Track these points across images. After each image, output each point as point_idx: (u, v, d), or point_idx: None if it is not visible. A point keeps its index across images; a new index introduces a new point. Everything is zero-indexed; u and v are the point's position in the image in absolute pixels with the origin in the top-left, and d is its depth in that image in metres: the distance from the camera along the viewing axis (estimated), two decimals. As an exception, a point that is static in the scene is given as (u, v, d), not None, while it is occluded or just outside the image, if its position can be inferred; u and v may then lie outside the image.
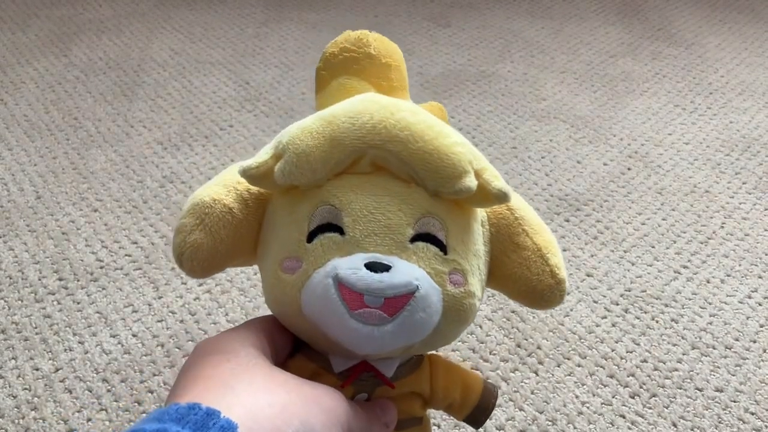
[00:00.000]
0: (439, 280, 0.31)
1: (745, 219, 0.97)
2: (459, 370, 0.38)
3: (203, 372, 0.29)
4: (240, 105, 1.23)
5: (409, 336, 0.30)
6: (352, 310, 0.29)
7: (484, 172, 0.32)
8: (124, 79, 1.30)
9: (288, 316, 0.33)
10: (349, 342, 0.30)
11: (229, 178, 0.34)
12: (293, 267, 0.31)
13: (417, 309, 0.30)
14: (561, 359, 0.74)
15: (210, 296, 0.81)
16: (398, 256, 0.31)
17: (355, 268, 0.29)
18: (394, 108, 0.32)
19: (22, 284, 0.83)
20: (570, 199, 1.00)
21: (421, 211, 0.32)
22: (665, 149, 1.13)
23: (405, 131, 0.31)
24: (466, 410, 0.38)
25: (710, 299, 0.83)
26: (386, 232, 0.31)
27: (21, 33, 1.48)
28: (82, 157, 1.08)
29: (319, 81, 0.38)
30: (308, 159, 0.31)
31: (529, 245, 0.35)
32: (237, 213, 0.33)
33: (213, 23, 1.54)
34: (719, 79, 1.36)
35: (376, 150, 0.31)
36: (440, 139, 0.32)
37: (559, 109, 1.24)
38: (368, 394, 0.34)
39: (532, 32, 1.54)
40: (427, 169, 0.31)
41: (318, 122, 0.32)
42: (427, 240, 0.31)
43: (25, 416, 0.67)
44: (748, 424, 0.68)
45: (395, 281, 0.29)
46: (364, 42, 0.37)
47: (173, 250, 0.33)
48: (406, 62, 0.39)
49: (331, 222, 0.31)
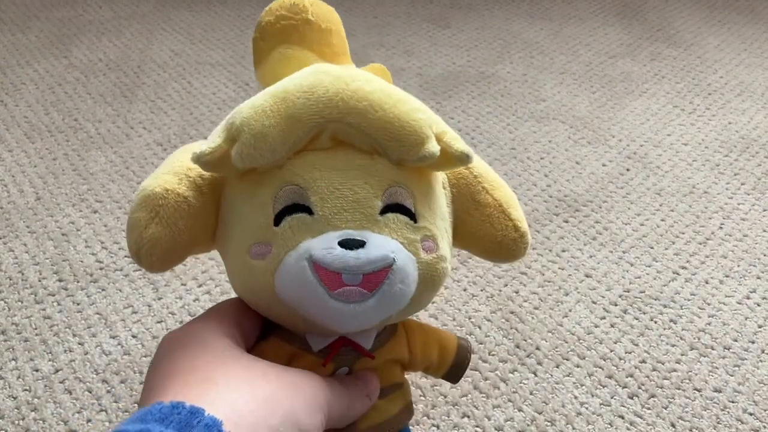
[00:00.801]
0: (412, 249, 0.31)
1: (743, 220, 0.97)
2: (433, 331, 0.38)
3: (180, 366, 0.28)
4: (240, 106, 1.23)
5: (390, 308, 0.30)
6: (331, 291, 0.29)
7: (444, 136, 0.32)
8: (124, 80, 1.31)
9: (261, 301, 0.32)
10: (330, 322, 0.30)
11: (178, 165, 0.33)
12: (262, 252, 0.30)
13: (395, 281, 0.30)
14: (560, 360, 0.75)
15: (209, 297, 0.81)
16: (370, 230, 0.30)
17: (330, 247, 0.29)
18: (349, 78, 0.31)
19: (22, 285, 0.83)
20: (569, 199, 1.00)
21: (388, 182, 0.31)
22: (664, 150, 1.13)
23: (363, 102, 0.30)
24: (444, 369, 0.39)
25: (709, 300, 0.83)
26: (355, 207, 0.30)
27: (21, 34, 1.48)
28: (82, 158, 1.08)
29: (257, 52, 0.36)
30: (266, 140, 0.29)
31: (490, 202, 0.35)
32: (192, 201, 0.32)
33: (213, 25, 1.55)
34: (718, 79, 1.36)
35: (335, 124, 0.31)
36: (399, 107, 0.31)
37: (558, 110, 1.24)
38: (349, 367, 0.34)
39: (532, 33, 1.54)
40: (390, 139, 0.31)
41: (271, 100, 0.30)
42: (396, 210, 0.31)
43: (25, 417, 0.68)
44: (746, 425, 0.69)
45: (371, 256, 0.29)
46: (300, 7, 0.36)
47: (129, 247, 0.32)
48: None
49: (297, 202, 0.31)
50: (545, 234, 0.93)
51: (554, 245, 0.91)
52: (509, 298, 0.82)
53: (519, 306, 0.81)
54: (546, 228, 0.94)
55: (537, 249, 0.91)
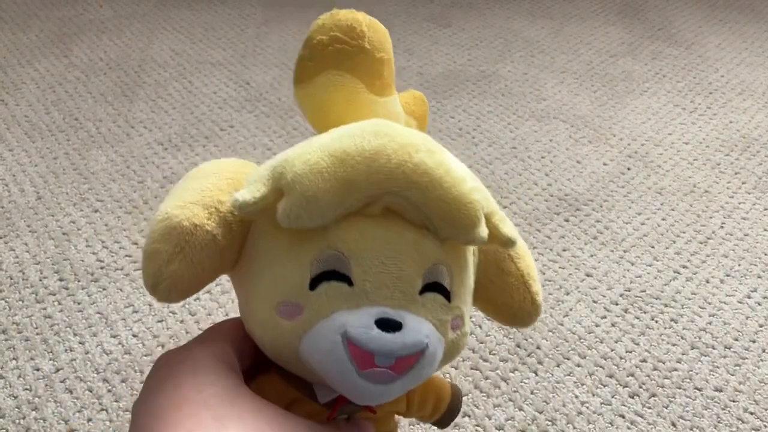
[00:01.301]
0: (442, 329, 0.30)
1: (744, 219, 0.97)
2: (430, 383, 0.38)
3: (186, 395, 0.27)
4: (240, 105, 1.23)
5: (413, 386, 0.30)
6: (360, 370, 0.28)
7: (493, 217, 0.31)
8: (125, 79, 1.30)
9: (281, 356, 0.31)
10: (352, 396, 0.29)
11: (208, 197, 0.31)
12: (292, 313, 0.29)
13: (425, 365, 0.29)
14: (560, 359, 0.75)
15: (210, 297, 0.81)
16: (407, 310, 0.29)
17: (367, 326, 0.28)
18: (412, 148, 0.29)
19: (23, 285, 0.83)
20: (570, 198, 1.00)
21: (432, 261, 0.30)
22: (665, 149, 1.13)
23: (424, 177, 0.29)
24: (436, 416, 0.39)
25: (710, 299, 0.83)
26: (397, 284, 0.29)
27: (21, 33, 1.48)
28: (82, 157, 1.08)
29: (302, 71, 0.34)
30: (318, 203, 0.28)
31: (514, 271, 0.35)
32: (220, 240, 0.30)
33: (213, 24, 1.55)
34: (719, 78, 1.36)
35: (392, 196, 0.29)
36: (458, 186, 0.29)
37: (559, 109, 1.24)
38: (348, 415, 0.34)
39: (533, 32, 1.54)
40: (444, 219, 0.29)
41: (328, 160, 0.28)
42: (433, 289, 0.30)
43: (25, 416, 0.68)
44: (747, 424, 0.68)
45: (407, 341, 0.28)
46: (358, 32, 0.33)
47: (145, 278, 0.30)
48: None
49: (337, 269, 0.29)
50: (546, 233, 0.93)
51: (555, 244, 0.91)
52: (510, 297, 0.82)
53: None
54: (546, 227, 0.94)
55: (538, 248, 0.91)
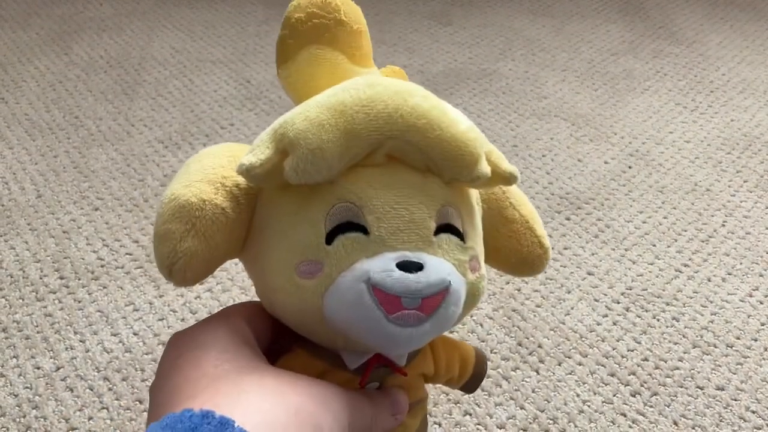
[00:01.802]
0: (462, 270, 0.30)
1: (746, 217, 0.97)
2: (454, 344, 0.38)
3: (204, 369, 0.27)
4: (241, 103, 1.23)
5: (441, 330, 0.30)
6: (389, 314, 0.28)
7: (492, 155, 0.31)
8: (125, 77, 1.30)
9: (306, 322, 0.31)
10: (384, 345, 0.29)
11: (212, 173, 0.31)
12: (312, 271, 0.29)
13: (450, 303, 0.29)
14: (562, 358, 0.74)
15: (211, 295, 0.81)
16: (426, 252, 0.29)
17: (389, 270, 0.28)
18: (407, 93, 0.30)
19: (23, 283, 0.83)
20: (571, 197, 1.00)
21: (441, 202, 0.30)
22: (666, 147, 1.13)
23: (422, 119, 0.29)
24: (463, 380, 0.39)
25: (711, 298, 0.83)
26: (411, 228, 0.29)
27: (22, 31, 1.48)
28: (83, 155, 1.08)
29: (284, 50, 0.34)
30: (324, 155, 0.28)
31: (517, 218, 0.35)
32: (230, 213, 0.30)
33: (214, 21, 1.54)
34: (720, 77, 1.36)
35: (393, 141, 0.30)
36: (455, 126, 0.30)
37: (560, 108, 1.24)
38: (379, 382, 0.34)
39: (534, 30, 1.54)
40: (446, 158, 0.30)
41: (327, 113, 0.29)
42: (447, 230, 0.31)
43: (26, 415, 0.67)
44: (749, 423, 0.68)
45: (432, 280, 0.28)
46: (333, 6, 0.34)
47: (160, 260, 0.30)
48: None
49: (351, 220, 0.29)
50: (547, 232, 0.93)
51: (556, 243, 0.91)
52: (511, 295, 0.82)
53: (521, 304, 0.81)
54: (548, 225, 0.94)
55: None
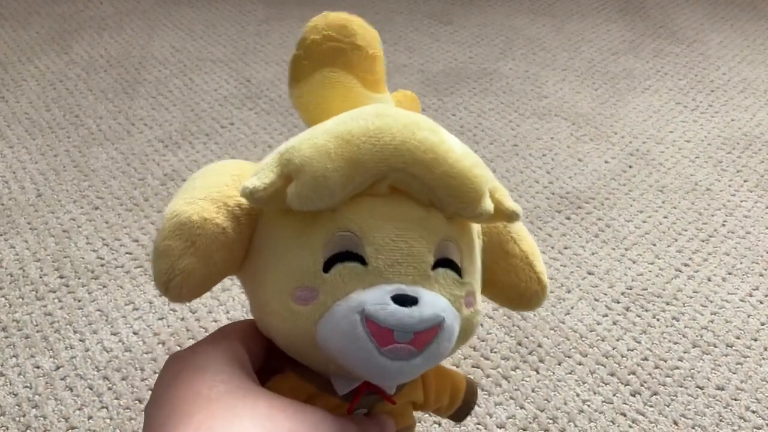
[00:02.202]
0: (457, 305, 0.30)
1: (746, 217, 0.97)
2: (446, 373, 0.38)
3: (198, 391, 0.28)
4: (241, 103, 1.22)
5: (433, 363, 0.30)
6: (381, 347, 0.28)
7: (496, 192, 0.31)
8: (125, 76, 1.30)
9: (298, 346, 0.31)
10: (374, 377, 0.29)
11: (215, 192, 0.31)
12: (307, 298, 0.29)
13: (443, 339, 0.29)
14: (562, 357, 0.74)
15: (211, 294, 0.81)
16: (422, 286, 0.29)
17: (383, 303, 0.28)
18: (415, 126, 0.30)
19: (23, 282, 0.83)
20: (571, 196, 1.00)
21: (441, 237, 0.31)
22: (666, 147, 1.13)
23: (429, 154, 0.29)
24: (453, 409, 0.39)
25: (711, 297, 0.83)
26: (409, 261, 0.29)
27: (22, 30, 1.48)
28: (83, 154, 1.08)
29: (298, 70, 0.35)
30: (327, 183, 0.28)
31: (517, 252, 0.35)
32: (230, 233, 0.31)
33: (214, 21, 1.54)
34: (721, 76, 1.36)
35: (398, 173, 0.30)
36: (462, 162, 0.30)
37: (561, 107, 1.24)
38: (368, 409, 0.34)
39: (534, 29, 1.54)
40: (450, 195, 0.30)
41: (334, 141, 0.29)
42: (445, 265, 0.31)
43: (26, 414, 0.67)
44: (749, 423, 0.68)
45: (425, 315, 0.28)
46: (350, 31, 0.34)
47: (157, 276, 0.30)
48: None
49: (350, 250, 0.29)
50: (547, 231, 0.93)
51: (556, 242, 0.91)
52: (511, 295, 0.82)
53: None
54: (548, 225, 0.94)
55: (539, 246, 0.90)
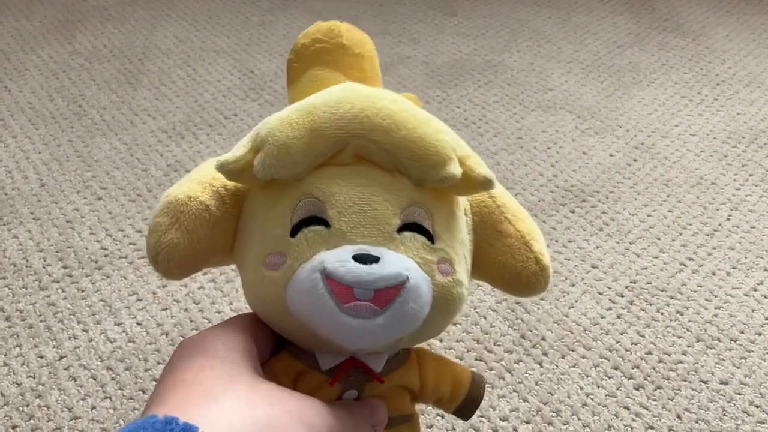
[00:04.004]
0: (427, 269, 0.30)
1: (751, 211, 0.97)
2: (447, 364, 0.37)
3: (185, 375, 0.28)
4: (245, 94, 1.22)
5: (401, 328, 0.30)
6: (342, 304, 0.28)
7: (468, 159, 0.31)
8: (129, 67, 1.30)
9: (272, 314, 0.32)
10: (339, 337, 0.29)
11: (204, 175, 0.33)
12: (277, 263, 0.30)
13: (408, 300, 0.29)
14: (565, 351, 0.74)
15: (214, 285, 0.81)
16: (386, 247, 0.30)
17: (343, 260, 0.29)
18: (375, 97, 0.32)
19: (27, 272, 0.83)
20: (576, 190, 1.00)
21: (407, 201, 0.31)
22: (672, 141, 1.13)
23: (387, 120, 0.31)
24: (455, 403, 0.38)
25: (716, 291, 0.83)
26: (373, 223, 0.30)
27: (25, 20, 1.47)
28: (86, 145, 1.07)
29: (291, 73, 0.37)
30: (289, 151, 0.30)
31: (512, 232, 0.35)
32: (214, 210, 0.32)
33: (217, 11, 1.54)
34: (726, 70, 1.35)
35: (358, 140, 0.31)
36: (423, 127, 0.31)
37: (566, 100, 1.23)
38: (357, 391, 0.33)
39: (539, 22, 1.53)
40: (411, 158, 0.31)
41: (297, 113, 0.31)
42: (413, 230, 0.31)
43: (29, 404, 0.68)
44: (752, 417, 0.68)
45: (385, 272, 0.29)
46: (335, 32, 0.36)
47: (148, 251, 0.32)
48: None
49: (315, 215, 0.30)
50: (551, 224, 0.93)
51: (560, 236, 0.91)
52: (515, 288, 0.82)
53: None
54: (552, 218, 0.94)
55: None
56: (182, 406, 0.26)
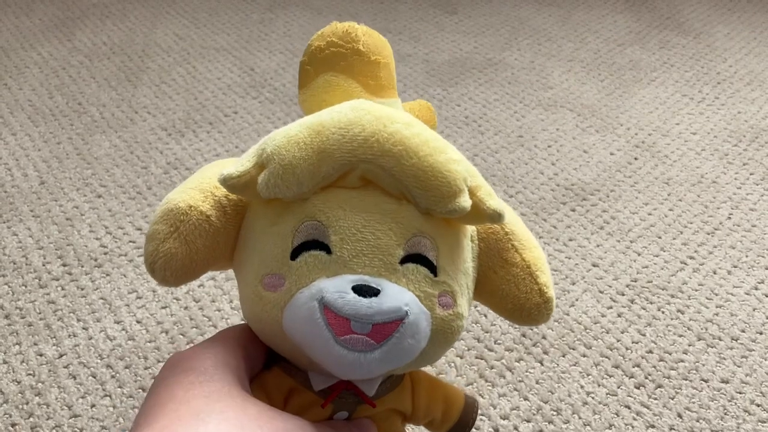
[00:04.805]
0: (428, 303, 0.30)
1: (752, 210, 0.97)
2: (441, 386, 0.37)
3: (174, 392, 0.28)
4: (245, 91, 1.22)
5: (396, 361, 0.29)
6: (338, 336, 0.28)
7: (479, 190, 0.31)
8: (129, 64, 1.30)
9: (267, 333, 0.31)
10: (332, 368, 0.29)
11: (206, 183, 0.32)
12: (275, 284, 0.30)
13: (405, 335, 0.28)
14: (566, 349, 0.74)
15: (214, 283, 0.81)
16: (387, 279, 0.29)
17: (342, 291, 0.28)
18: (388, 120, 0.30)
19: (26, 270, 0.83)
20: (576, 188, 1.00)
21: (412, 231, 0.30)
22: (672, 139, 1.12)
23: (398, 146, 0.29)
24: (447, 426, 0.37)
25: (717, 290, 0.83)
26: (375, 253, 0.29)
27: (25, 17, 1.47)
28: (86, 142, 1.07)
29: (303, 76, 0.36)
30: (294, 171, 0.29)
31: (518, 262, 0.34)
32: (214, 221, 0.32)
33: (218, 8, 1.53)
34: (728, 68, 1.35)
35: (366, 165, 0.30)
36: (435, 156, 0.30)
37: (566, 98, 1.23)
38: (348, 412, 0.33)
39: (540, 20, 1.53)
40: (420, 187, 0.30)
41: (305, 132, 0.30)
42: (417, 261, 0.30)
43: (29, 402, 0.67)
44: (753, 416, 0.68)
45: (384, 307, 0.28)
46: (352, 37, 0.35)
47: (145, 258, 0.31)
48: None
49: (317, 239, 0.30)
50: (552, 223, 0.93)
51: (561, 234, 0.91)
52: (515, 286, 0.81)
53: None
54: (553, 217, 0.94)
55: (544, 238, 0.90)
56: (171, 425, 0.26)
